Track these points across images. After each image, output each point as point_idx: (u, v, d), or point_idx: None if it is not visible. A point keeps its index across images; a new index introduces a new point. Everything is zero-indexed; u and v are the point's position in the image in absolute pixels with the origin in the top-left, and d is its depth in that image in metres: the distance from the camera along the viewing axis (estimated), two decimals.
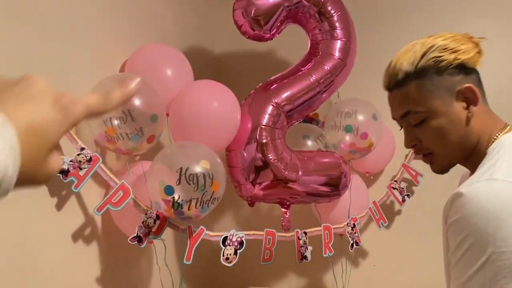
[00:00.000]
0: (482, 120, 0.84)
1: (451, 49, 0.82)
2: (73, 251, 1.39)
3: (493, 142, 0.82)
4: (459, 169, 0.93)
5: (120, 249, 1.55)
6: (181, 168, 1.29)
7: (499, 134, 0.83)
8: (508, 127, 0.84)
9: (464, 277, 0.72)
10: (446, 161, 0.88)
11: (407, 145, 0.90)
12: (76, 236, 1.41)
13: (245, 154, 1.56)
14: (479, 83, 0.85)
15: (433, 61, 0.82)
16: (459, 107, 0.83)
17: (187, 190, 1.28)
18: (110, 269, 1.53)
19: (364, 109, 1.77)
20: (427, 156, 0.89)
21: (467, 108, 0.83)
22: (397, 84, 0.86)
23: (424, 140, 0.87)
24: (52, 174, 0.36)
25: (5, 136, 0.30)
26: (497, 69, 1.89)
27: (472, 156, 0.85)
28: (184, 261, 1.39)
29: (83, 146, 1.31)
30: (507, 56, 1.91)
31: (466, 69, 0.84)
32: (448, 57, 0.82)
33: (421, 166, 1.79)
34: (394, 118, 0.92)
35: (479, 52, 0.84)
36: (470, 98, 0.83)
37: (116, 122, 1.29)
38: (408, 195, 1.95)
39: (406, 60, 0.84)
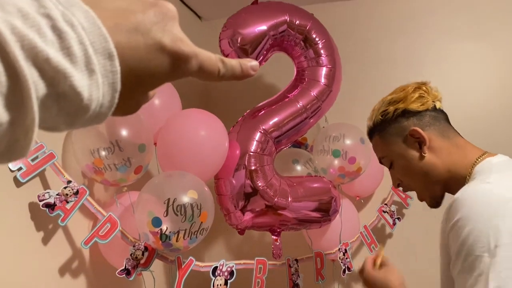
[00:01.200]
0: (445, 153, 0.91)
1: (394, 101, 0.96)
2: (61, 286, 1.36)
3: (474, 165, 0.86)
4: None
5: (108, 283, 1.52)
6: (168, 199, 1.28)
7: (479, 158, 0.87)
8: (487, 153, 0.88)
9: (471, 279, 0.69)
10: (427, 194, 0.96)
11: (394, 185, 1.04)
12: (63, 270, 1.38)
13: (234, 182, 1.56)
14: (432, 122, 0.93)
15: (381, 115, 0.98)
16: (412, 148, 0.94)
17: (175, 222, 1.27)
18: None
19: (351, 133, 1.78)
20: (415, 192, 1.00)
21: (421, 148, 0.92)
22: (369, 137, 1.04)
23: (401, 178, 0.99)
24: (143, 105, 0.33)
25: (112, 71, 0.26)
26: (481, 87, 1.94)
27: (452, 184, 0.90)
28: None
29: (70, 179, 1.30)
30: (492, 75, 1.95)
31: (414, 114, 0.93)
32: (391, 109, 0.95)
33: None
34: None
35: (422, 96, 0.94)
36: (420, 139, 0.92)
37: (103, 153, 1.29)
38: (398, 218, 1.95)
39: (370, 117, 1.02)
